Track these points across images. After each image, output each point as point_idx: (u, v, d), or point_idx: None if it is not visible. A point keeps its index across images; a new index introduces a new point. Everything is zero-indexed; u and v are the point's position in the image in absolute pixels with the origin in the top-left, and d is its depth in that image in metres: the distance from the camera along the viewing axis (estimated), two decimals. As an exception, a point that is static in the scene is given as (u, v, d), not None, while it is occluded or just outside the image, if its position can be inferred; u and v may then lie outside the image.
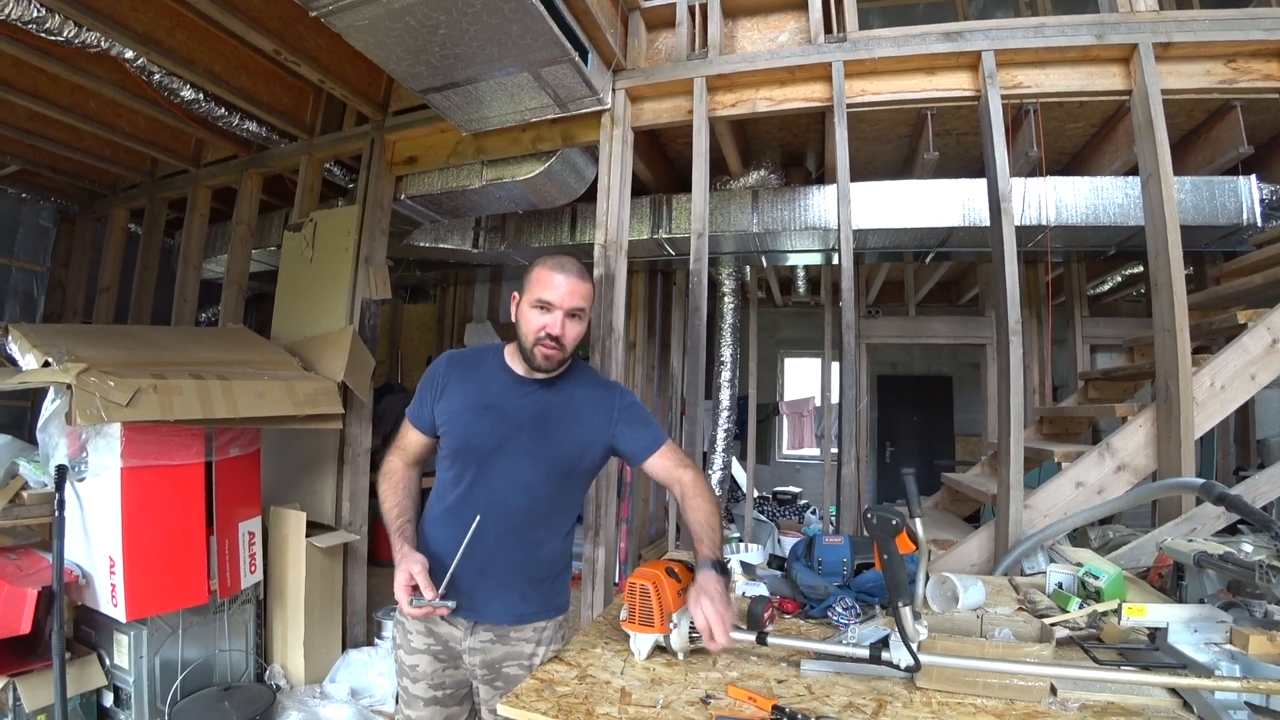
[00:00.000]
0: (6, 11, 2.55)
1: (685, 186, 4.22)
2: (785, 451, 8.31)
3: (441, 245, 4.54)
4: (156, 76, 3.11)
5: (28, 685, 2.34)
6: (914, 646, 1.26)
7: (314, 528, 3.14)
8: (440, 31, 2.27)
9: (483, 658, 1.52)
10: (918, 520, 1.54)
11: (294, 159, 3.94)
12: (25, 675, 2.35)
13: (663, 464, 1.56)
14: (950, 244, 4.03)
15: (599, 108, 2.88)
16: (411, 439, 1.61)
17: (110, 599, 2.42)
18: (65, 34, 2.73)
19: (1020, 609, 1.74)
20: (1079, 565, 1.89)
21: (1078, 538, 2.65)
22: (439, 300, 6.29)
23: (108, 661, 2.59)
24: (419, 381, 1.60)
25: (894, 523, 1.19)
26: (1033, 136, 3.15)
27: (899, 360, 8.37)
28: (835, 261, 4.43)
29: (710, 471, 4.52)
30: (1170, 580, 1.81)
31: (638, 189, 4.01)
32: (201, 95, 3.32)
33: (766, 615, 1.58)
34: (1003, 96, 2.62)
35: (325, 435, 3.33)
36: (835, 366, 5.51)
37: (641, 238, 4.08)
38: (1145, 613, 1.43)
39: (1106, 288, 5.28)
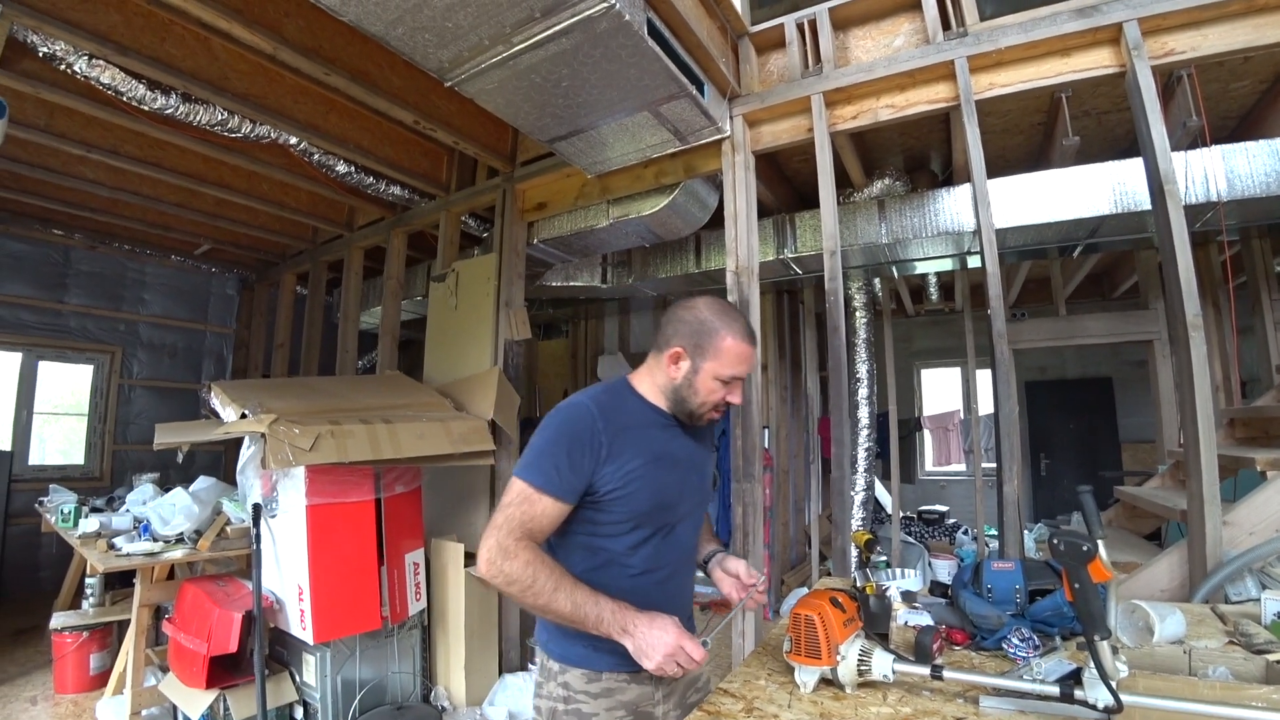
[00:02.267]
0: (198, 118, 3.03)
1: (805, 204, 4.17)
2: (928, 468, 7.83)
3: (572, 284, 4.72)
4: (316, 156, 3.56)
5: (235, 697, 2.66)
6: (1113, 684, 1.14)
7: (470, 558, 3.33)
8: (563, 84, 2.40)
9: (674, 700, 1.48)
10: (1100, 543, 1.41)
11: (434, 215, 4.30)
12: (233, 689, 2.68)
13: None
14: (1101, 234, 3.68)
15: (718, 136, 2.90)
16: (548, 516, 1.28)
17: (300, 623, 2.70)
18: (243, 130, 3.22)
19: (1231, 642, 1.53)
20: (1303, 593, 1.64)
21: (1301, 561, 2.29)
22: (571, 335, 6.55)
23: (297, 679, 2.88)
24: (544, 444, 1.31)
25: (1085, 549, 1.09)
26: (1190, 104, 2.83)
27: (1048, 364, 7.66)
28: (971, 265, 4.18)
29: (853, 493, 4.36)
30: None
31: (759, 210, 4.02)
32: (353, 168, 3.74)
33: (935, 647, 1.49)
34: (1153, 67, 2.38)
35: (477, 471, 3.56)
36: (979, 375, 5.16)
37: (767, 259, 4.04)
38: None
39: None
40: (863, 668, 1.34)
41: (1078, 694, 1.18)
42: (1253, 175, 3.08)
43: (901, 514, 6.54)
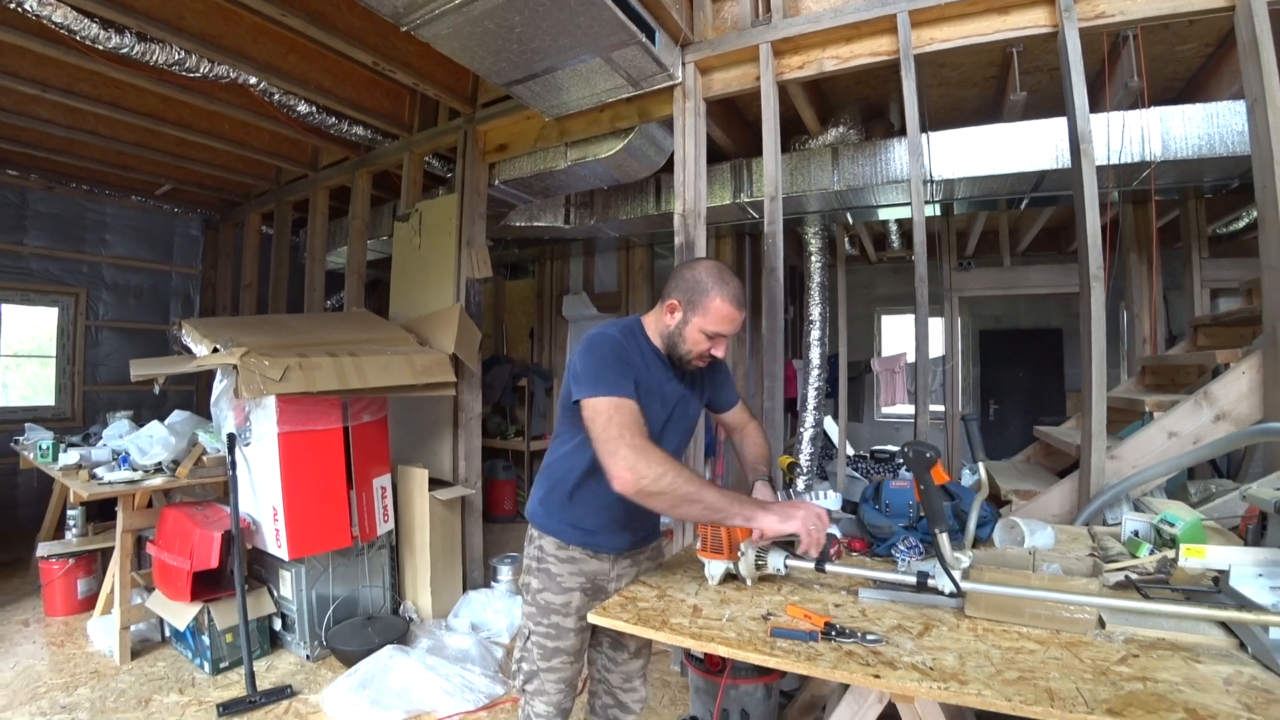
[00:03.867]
0: (155, 58, 3.03)
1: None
2: (884, 410, 8.18)
3: (536, 224, 4.82)
4: (276, 96, 3.56)
5: (218, 609, 2.89)
6: (955, 574, 1.37)
7: (435, 484, 3.56)
8: (516, 30, 2.47)
9: (625, 581, 1.74)
10: (980, 464, 1.63)
11: (397, 156, 4.33)
12: (215, 602, 2.90)
13: (739, 415, 1.93)
14: (1044, 188, 3.85)
15: (670, 83, 2.99)
16: (637, 414, 1.45)
17: (276, 541, 2.91)
18: (202, 70, 3.21)
19: (1091, 554, 1.77)
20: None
21: (1176, 492, 2.57)
22: (537, 275, 6.62)
23: (275, 593, 3.12)
24: (599, 364, 1.48)
25: (928, 455, 1.30)
26: (1133, 65, 2.96)
27: (1003, 314, 7.96)
28: (923, 214, 4.32)
29: (802, 429, 4.61)
30: (1255, 530, 1.76)
31: (718, 155, 4.08)
32: (314, 108, 3.75)
33: (833, 551, 1.72)
34: (1084, 29, 2.50)
35: (441, 402, 3.74)
36: (935, 323, 5.40)
37: (724, 203, 4.16)
38: (1205, 554, 1.38)
39: (1241, 225, 4.79)
40: (760, 563, 1.57)
41: (930, 583, 1.42)
42: (1187, 138, 3.21)
43: (855, 452, 6.89)
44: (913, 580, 1.43)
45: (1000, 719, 1.10)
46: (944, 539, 1.32)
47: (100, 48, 2.92)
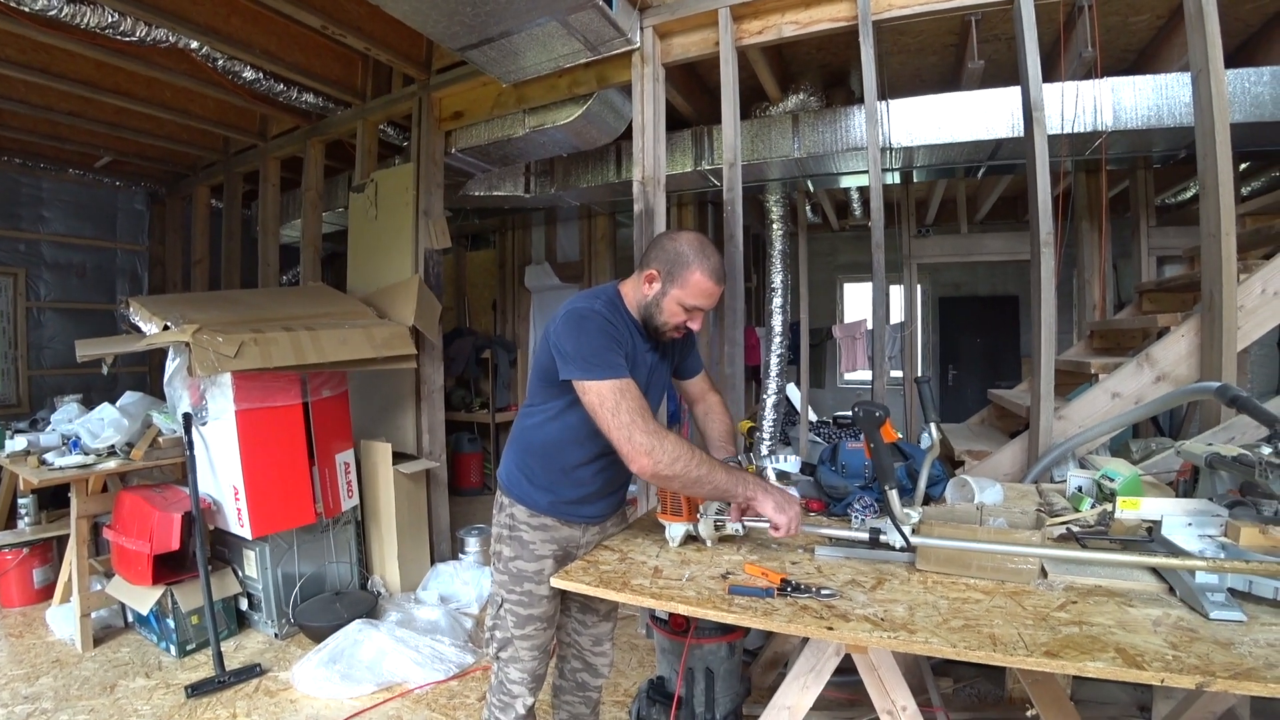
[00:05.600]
0: (85, 20, 2.86)
1: (725, 117, 4.23)
2: (846, 376, 8.33)
3: (495, 193, 4.73)
4: (220, 62, 3.39)
5: (182, 592, 2.85)
6: (905, 529, 1.42)
7: (399, 457, 3.54)
8: (469, -9, 2.40)
9: (593, 547, 1.76)
10: (933, 424, 1.67)
11: (351, 124, 4.19)
12: (178, 585, 2.86)
13: (700, 384, 1.92)
14: (1000, 156, 3.90)
15: (628, 48, 2.95)
16: (639, 394, 1.47)
17: (238, 521, 2.87)
18: (138, 34, 3.03)
19: (1038, 510, 1.85)
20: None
21: (1120, 449, 2.69)
22: (499, 245, 6.52)
23: (240, 573, 3.09)
24: (593, 345, 1.47)
25: (877, 414, 1.34)
26: (1088, 36, 3.01)
27: (962, 281, 8.14)
28: (888, 182, 4.37)
29: (765, 396, 4.68)
30: (1187, 483, 1.85)
31: (679, 122, 4.05)
32: (261, 74, 3.59)
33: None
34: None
35: (403, 375, 3.70)
36: (895, 290, 5.49)
37: (685, 170, 4.13)
38: (1139, 505, 1.48)
39: (1188, 195, 4.95)
40: (718, 522, 1.60)
41: (882, 539, 1.47)
42: (1137, 108, 3.27)
43: (817, 418, 7.02)
44: (865, 536, 1.49)
45: (957, 668, 1.15)
46: (893, 495, 1.36)
47: (25, 9, 2.75)
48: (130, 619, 3.14)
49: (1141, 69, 3.60)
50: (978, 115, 3.54)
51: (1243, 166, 4.33)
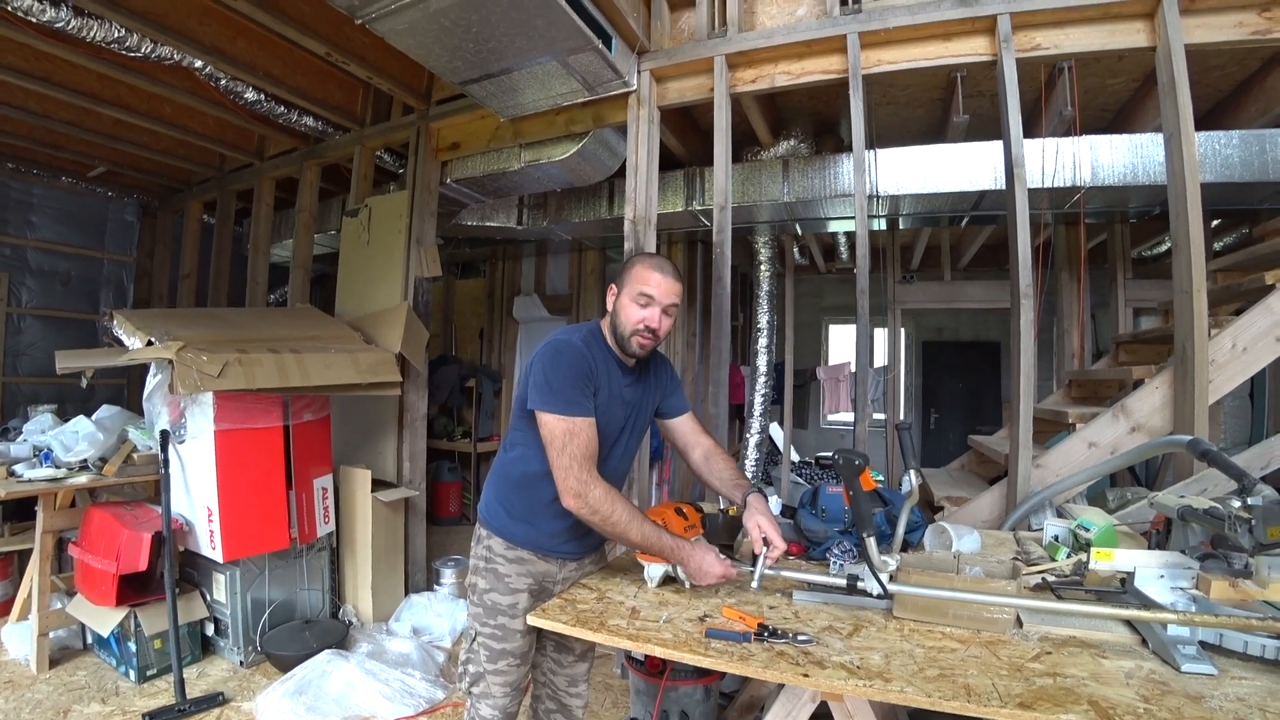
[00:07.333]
0: (92, 34, 2.89)
1: (717, 159, 4.32)
2: (830, 418, 8.37)
3: (488, 224, 4.77)
4: (223, 82, 3.43)
5: (146, 614, 2.77)
6: (882, 576, 1.43)
7: (378, 485, 3.50)
8: (473, 30, 2.45)
9: (570, 584, 1.75)
10: (912, 471, 1.69)
11: (348, 149, 4.24)
12: (143, 606, 2.78)
13: (690, 425, 1.89)
14: (983, 207, 4.02)
15: (625, 90, 3.02)
16: (590, 434, 1.54)
17: (210, 543, 2.81)
18: (143, 50, 3.07)
19: (1015, 558, 1.86)
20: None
21: (1096, 498, 2.72)
22: (489, 275, 6.55)
23: (208, 597, 3.01)
24: (560, 380, 1.53)
25: (857, 462, 1.36)
26: (1067, 95, 3.13)
27: (945, 325, 8.26)
28: (874, 228, 4.46)
29: (748, 435, 4.69)
30: (1160, 535, 1.88)
31: (671, 162, 4.13)
32: (262, 96, 3.63)
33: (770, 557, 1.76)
34: (1020, 59, 2.63)
35: (386, 402, 3.66)
36: (880, 334, 5.56)
37: (676, 210, 4.20)
38: (1112, 557, 1.48)
39: (1163, 249, 5.10)
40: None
41: (859, 585, 1.48)
42: (1113, 165, 3.41)
43: (799, 459, 7.03)
44: (843, 583, 1.49)
45: (933, 717, 1.15)
46: (871, 543, 1.38)
47: (34, 20, 2.77)
48: (90, 640, 3.04)
49: (1118, 127, 3.74)
50: (962, 167, 3.65)
51: (1214, 223, 4.48)
